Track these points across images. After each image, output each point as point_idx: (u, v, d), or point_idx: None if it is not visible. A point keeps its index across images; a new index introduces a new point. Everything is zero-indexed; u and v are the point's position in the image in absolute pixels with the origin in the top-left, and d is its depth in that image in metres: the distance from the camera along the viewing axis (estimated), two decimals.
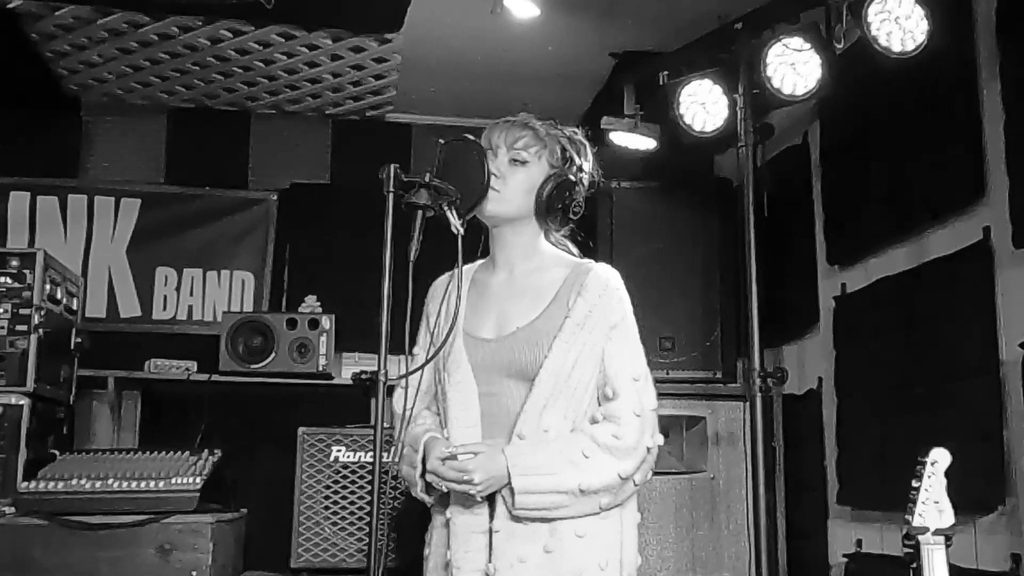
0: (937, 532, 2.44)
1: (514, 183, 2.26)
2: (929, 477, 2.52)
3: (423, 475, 2.18)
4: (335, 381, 4.44)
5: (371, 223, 5.16)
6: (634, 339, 2.22)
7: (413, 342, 2.38)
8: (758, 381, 3.19)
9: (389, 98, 4.74)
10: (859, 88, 3.46)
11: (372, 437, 3.92)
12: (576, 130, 2.44)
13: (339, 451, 3.92)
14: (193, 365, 4.38)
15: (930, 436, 3.24)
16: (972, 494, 2.84)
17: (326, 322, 4.35)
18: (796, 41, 3.21)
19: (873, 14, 2.98)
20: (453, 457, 2.08)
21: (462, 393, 2.20)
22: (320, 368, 4.33)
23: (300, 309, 4.46)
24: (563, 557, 2.05)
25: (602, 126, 3.94)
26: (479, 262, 2.41)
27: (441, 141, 2.21)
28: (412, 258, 2.11)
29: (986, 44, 3.09)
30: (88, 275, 4.66)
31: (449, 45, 4.22)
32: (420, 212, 2.14)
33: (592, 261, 2.30)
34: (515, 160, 2.28)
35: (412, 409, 2.27)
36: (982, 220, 3.10)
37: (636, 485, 2.12)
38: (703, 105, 3.58)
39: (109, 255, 4.74)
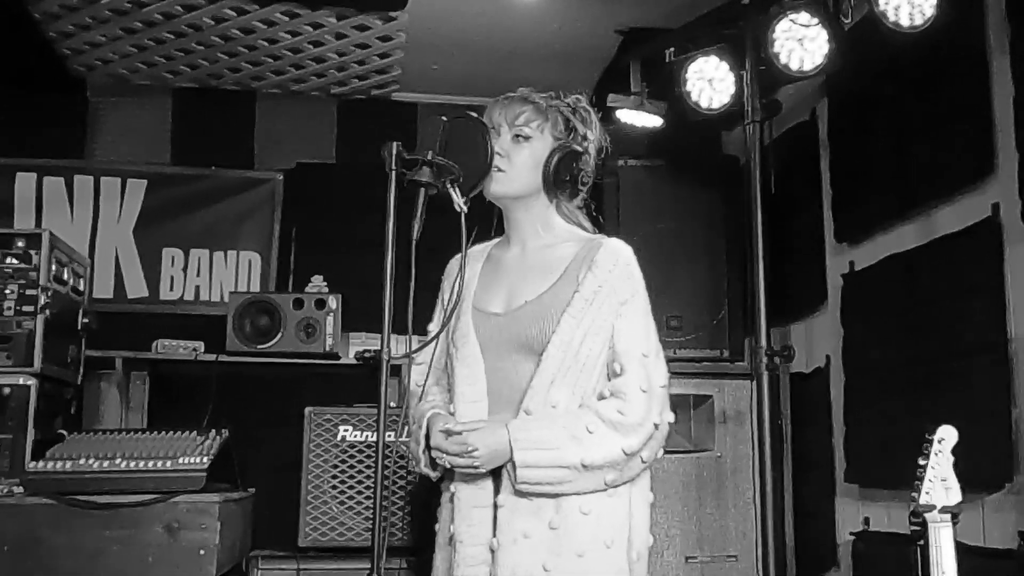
0: (944, 510, 2.44)
1: (519, 160, 2.25)
2: (936, 455, 2.51)
3: (427, 450, 2.18)
4: (342, 361, 4.44)
5: (377, 203, 5.14)
6: (645, 315, 2.19)
7: (419, 321, 2.36)
8: (765, 359, 3.18)
9: (394, 77, 4.72)
10: (867, 64, 3.43)
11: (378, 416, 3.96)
12: (580, 97, 2.40)
13: (346, 430, 3.93)
14: (200, 345, 4.39)
15: (938, 414, 3.23)
16: (980, 471, 2.83)
17: (332, 302, 4.35)
18: (803, 16, 3.18)
19: None
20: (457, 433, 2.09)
21: (469, 368, 2.19)
22: (327, 348, 4.33)
23: (307, 289, 4.45)
24: (567, 534, 2.04)
25: (608, 103, 3.91)
26: (497, 239, 2.40)
27: (443, 119, 2.19)
28: (415, 237, 2.11)
29: (995, 17, 3.06)
30: (95, 256, 4.66)
31: (454, 23, 4.19)
32: (423, 190, 2.13)
33: (604, 236, 2.28)
34: (518, 136, 2.27)
35: (424, 386, 2.29)
36: (991, 196, 3.07)
37: (644, 462, 2.10)
38: (710, 82, 3.56)
39: (116, 236, 4.74)
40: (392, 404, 4.20)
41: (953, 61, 3.19)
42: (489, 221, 2.39)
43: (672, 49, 3.68)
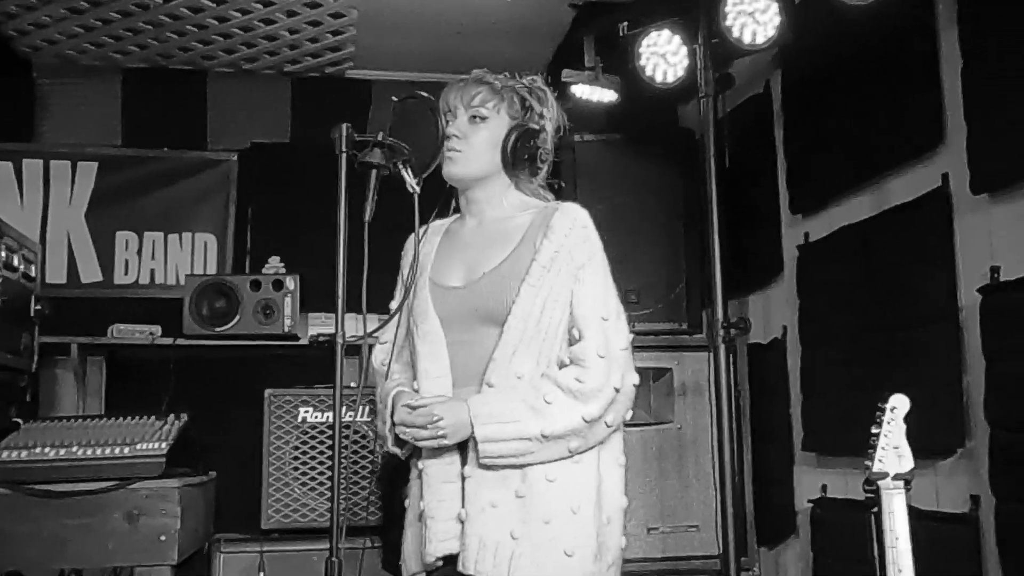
0: (897, 477, 2.48)
1: (477, 141, 2.25)
2: (889, 423, 2.55)
3: (392, 428, 2.18)
4: (301, 342, 4.41)
5: (333, 182, 5.09)
6: (603, 278, 2.19)
7: (375, 301, 2.35)
8: (721, 332, 3.21)
9: (348, 54, 4.67)
10: (819, 36, 3.44)
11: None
12: (535, 78, 2.42)
13: (307, 412, 3.93)
14: (157, 329, 4.35)
15: (892, 382, 3.27)
16: (933, 438, 2.88)
17: (290, 283, 4.32)
18: None
19: None
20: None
21: (430, 344, 2.19)
22: (285, 329, 4.31)
23: (264, 270, 4.42)
24: (533, 502, 2.05)
25: (563, 79, 3.90)
26: (456, 216, 2.40)
27: (394, 99, 2.18)
28: (367, 218, 2.11)
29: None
30: (46, 241, 4.59)
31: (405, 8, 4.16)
32: (374, 171, 2.12)
33: (558, 202, 2.27)
34: (475, 117, 2.27)
35: (388, 365, 2.30)
36: (941, 167, 3.11)
37: (609, 426, 2.11)
38: (663, 56, 3.55)
39: (67, 220, 4.68)
40: (352, 384, 4.20)
41: (903, 33, 3.21)
42: (443, 202, 2.38)
43: (625, 23, 3.67)
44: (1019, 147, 2.73)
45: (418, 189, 2.17)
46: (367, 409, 3.94)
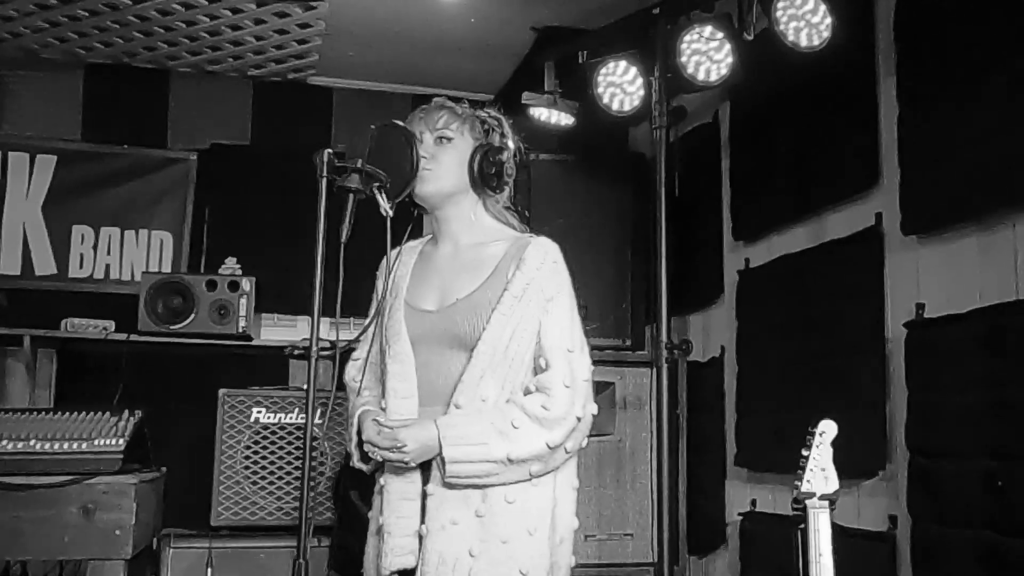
0: (823, 497, 2.65)
1: (445, 159, 2.35)
2: (817, 447, 2.72)
3: (359, 445, 2.29)
4: (254, 342, 4.49)
5: (291, 185, 5.23)
6: (570, 311, 2.31)
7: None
8: (665, 352, 3.37)
9: (312, 62, 4.76)
10: (768, 73, 3.62)
11: (291, 399, 4.06)
12: (490, 110, 2.53)
13: (259, 412, 4.01)
14: (111, 324, 4.39)
15: (821, 405, 3.48)
16: (857, 460, 3.08)
17: (246, 284, 4.39)
18: (709, 30, 3.36)
19: (781, 9, 3.15)
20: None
21: (400, 364, 2.29)
22: (240, 329, 4.37)
23: (220, 271, 4.48)
24: (493, 521, 2.16)
25: (523, 101, 4.04)
26: (429, 236, 2.49)
27: (372, 127, 2.28)
28: (344, 240, 2.20)
29: (885, 42, 3.29)
30: (2, 232, 4.61)
31: (373, 14, 4.26)
32: (351, 196, 2.22)
33: (532, 234, 2.40)
34: (441, 138, 2.37)
35: (360, 381, 2.40)
36: (875, 206, 3.32)
37: (568, 453, 2.23)
38: (620, 86, 3.71)
39: (24, 212, 4.69)
40: (305, 385, 4.29)
41: (845, 78, 3.42)
42: (409, 223, 2.48)
43: (585, 51, 3.82)
44: (947, 194, 2.95)
45: (391, 213, 2.28)
46: (320, 411, 4.04)
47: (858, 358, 3.34)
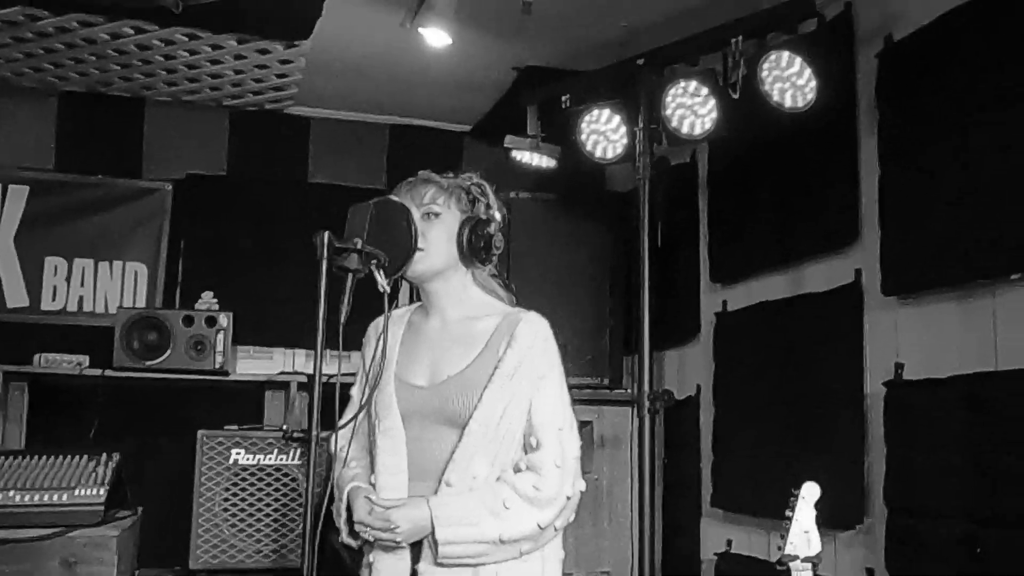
0: (806, 559, 2.71)
1: (434, 237, 2.35)
2: (800, 509, 2.77)
3: (348, 521, 2.29)
4: (231, 377, 4.46)
5: (267, 217, 5.19)
6: (560, 389, 2.33)
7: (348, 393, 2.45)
8: (647, 403, 3.40)
9: (290, 93, 4.73)
10: (750, 124, 3.65)
11: (270, 440, 4.05)
12: (471, 175, 2.54)
13: (238, 453, 3.99)
14: (85, 359, 4.35)
15: (800, 456, 3.57)
16: (835, 512, 3.11)
17: (223, 320, 4.36)
18: (693, 85, 3.39)
19: (766, 70, 3.19)
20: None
21: (391, 439, 2.29)
22: (217, 365, 4.35)
23: (197, 306, 4.46)
24: None
25: (505, 145, 4.06)
26: (415, 304, 2.50)
27: (371, 204, 2.28)
28: (343, 320, 2.20)
29: (866, 101, 3.35)
30: None
31: (355, 49, 4.25)
32: (350, 275, 2.22)
33: (523, 310, 2.39)
34: (428, 214, 2.36)
35: (347, 450, 2.40)
36: (855, 262, 3.38)
37: (557, 530, 2.26)
38: (603, 134, 3.73)
39: None
40: (285, 427, 4.28)
41: (827, 133, 3.47)
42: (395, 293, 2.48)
43: (568, 96, 3.83)
44: (926, 258, 3.01)
45: (388, 289, 2.28)
46: (298, 452, 4.04)
47: (837, 411, 3.40)
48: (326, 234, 2.21)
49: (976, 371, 2.80)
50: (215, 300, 4.47)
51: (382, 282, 2.28)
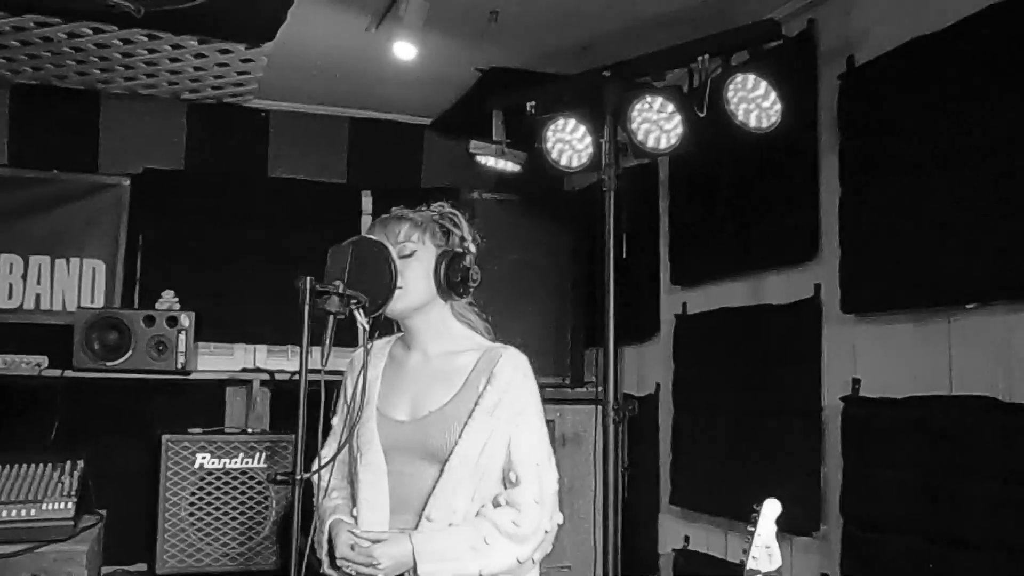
0: (767, 574, 2.82)
1: (411, 274, 2.38)
2: (762, 525, 2.87)
3: (329, 553, 2.34)
4: (193, 376, 4.45)
5: (226, 212, 5.15)
6: (539, 424, 2.40)
7: (329, 424, 2.48)
8: (612, 414, 3.46)
9: (251, 89, 4.68)
10: (715, 140, 3.69)
11: (235, 443, 4.07)
12: (443, 204, 2.56)
13: (203, 458, 4.01)
14: (44, 360, 4.30)
15: (759, 462, 3.67)
16: (792, 518, 3.21)
17: (185, 320, 4.33)
18: (659, 102, 3.42)
19: (732, 91, 3.23)
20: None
21: (372, 474, 2.34)
22: (178, 366, 4.32)
23: (158, 305, 4.42)
24: None
25: (470, 150, 4.06)
26: (395, 336, 2.53)
27: (350, 245, 2.30)
28: (324, 364, 2.22)
29: (827, 121, 3.43)
30: None
31: (317, 48, 4.21)
32: (332, 317, 2.25)
33: (501, 346, 2.45)
34: (403, 254, 2.40)
35: (328, 480, 2.44)
36: (814, 277, 3.47)
37: (534, 563, 2.34)
38: (569, 143, 3.75)
39: None
40: (250, 430, 4.30)
41: (790, 154, 3.53)
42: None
43: (533, 103, 3.84)
44: (885, 281, 3.10)
45: (367, 326, 2.31)
46: (263, 456, 4.07)
47: (795, 421, 3.50)
48: (308, 279, 2.22)
49: (931, 394, 2.91)
50: (176, 300, 4.43)
51: (361, 320, 2.30)
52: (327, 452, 2.50)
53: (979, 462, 2.71)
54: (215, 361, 4.79)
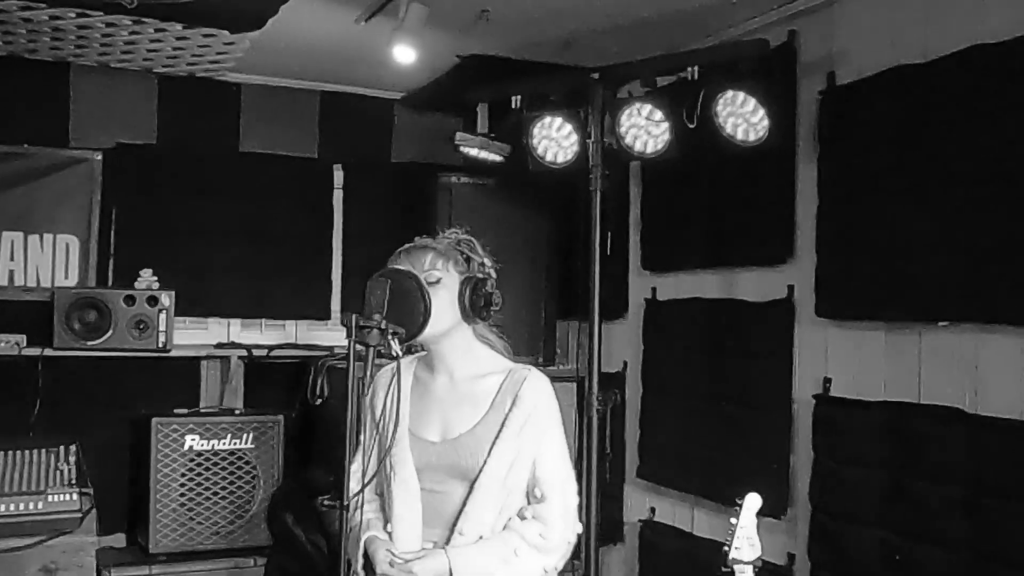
0: (748, 562, 3.07)
1: (438, 302, 2.50)
2: (744, 517, 3.10)
3: (365, 567, 2.50)
4: (172, 353, 4.50)
5: (199, 187, 5.14)
6: (561, 442, 2.57)
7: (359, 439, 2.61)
8: (596, 403, 3.66)
9: (227, 66, 4.66)
10: (702, 147, 3.80)
11: (224, 424, 4.17)
12: (456, 231, 2.71)
13: (193, 439, 4.11)
14: (23, 339, 4.31)
15: (728, 447, 3.92)
16: (762, 503, 3.51)
17: (165, 299, 4.38)
18: (648, 109, 3.56)
19: (722, 105, 3.39)
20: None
21: (406, 491, 2.51)
22: (159, 344, 4.38)
23: (136, 284, 4.44)
24: None
25: (455, 142, 4.16)
26: (418, 355, 2.67)
27: (389, 281, 2.40)
28: (368, 394, 2.36)
29: (806, 131, 3.61)
30: None
31: (299, 35, 4.22)
32: (371, 349, 2.37)
33: (523, 367, 2.60)
34: (430, 281, 2.53)
35: (361, 494, 2.57)
36: (788, 278, 3.69)
37: (558, 570, 2.54)
38: (555, 140, 3.84)
39: None
40: (237, 411, 4.40)
41: (768, 159, 3.70)
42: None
43: (519, 97, 3.92)
44: (858, 290, 3.34)
45: (401, 354, 2.45)
46: (251, 436, 4.19)
47: (765, 411, 3.76)
48: (353, 316, 2.34)
49: (901, 400, 3.17)
50: (155, 279, 4.46)
51: (396, 348, 2.43)
52: (356, 466, 2.65)
53: (944, 467, 2.99)
54: (190, 335, 4.84)
